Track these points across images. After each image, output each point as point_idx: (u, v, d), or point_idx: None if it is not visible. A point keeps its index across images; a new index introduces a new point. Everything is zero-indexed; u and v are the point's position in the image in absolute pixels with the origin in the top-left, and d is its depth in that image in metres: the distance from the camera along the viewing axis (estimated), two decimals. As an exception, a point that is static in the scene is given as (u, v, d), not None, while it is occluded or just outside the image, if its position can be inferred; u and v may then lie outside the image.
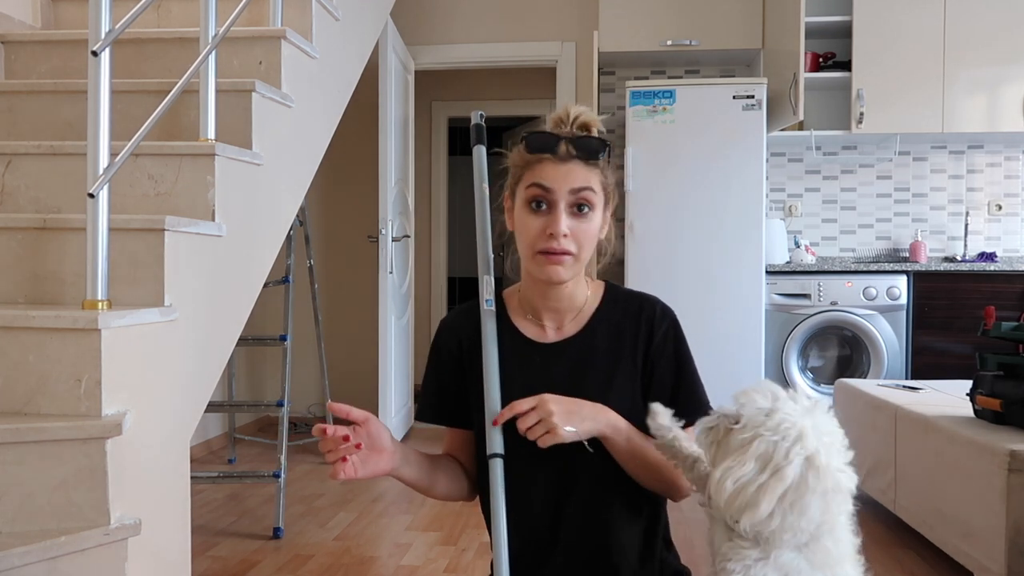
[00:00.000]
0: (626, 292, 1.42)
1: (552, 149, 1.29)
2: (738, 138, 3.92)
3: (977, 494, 2.31)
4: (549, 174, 1.28)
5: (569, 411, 1.22)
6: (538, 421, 1.20)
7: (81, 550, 1.47)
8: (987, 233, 4.54)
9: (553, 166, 1.28)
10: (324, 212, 5.05)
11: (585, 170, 1.29)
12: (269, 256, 2.37)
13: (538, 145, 1.30)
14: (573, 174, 1.28)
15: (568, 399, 1.24)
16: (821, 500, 1.03)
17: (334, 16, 2.86)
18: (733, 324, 3.90)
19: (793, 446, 1.04)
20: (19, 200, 2.04)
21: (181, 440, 1.86)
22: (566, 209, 1.27)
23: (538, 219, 1.28)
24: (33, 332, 1.55)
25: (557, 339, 1.37)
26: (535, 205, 1.28)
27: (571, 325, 1.38)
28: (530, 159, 1.30)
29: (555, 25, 4.77)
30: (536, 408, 1.21)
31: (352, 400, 5.29)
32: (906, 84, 4.13)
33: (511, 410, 1.22)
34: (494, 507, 1.23)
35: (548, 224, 1.26)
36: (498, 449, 1.25)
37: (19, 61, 2.60)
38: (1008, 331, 2.41)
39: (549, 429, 1.20)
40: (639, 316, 1.37)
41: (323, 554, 2.79)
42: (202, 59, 1.99)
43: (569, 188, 1.27)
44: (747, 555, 1.07)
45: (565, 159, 1.28)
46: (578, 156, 1.28)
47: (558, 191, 1.27)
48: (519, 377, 1.33)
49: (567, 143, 1.29)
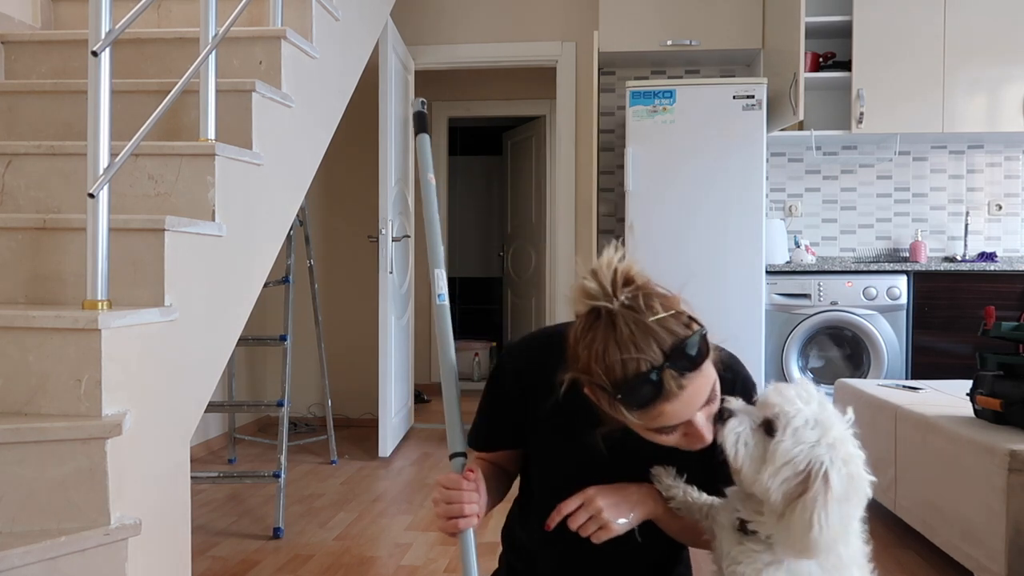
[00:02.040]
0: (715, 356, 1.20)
1: (660, 393, 1.02)
2: (738, 138, 3.92)
3: (977, 494, 2.31)
4: (675, 414, 1.05)
5: (618, 503, 1.17)
6: (589, 518, 1.15)
7: (81, 550, 1.47)
8: (987, 233, 4.54)
9: (672, 405, 1.04)
10: (324, 212, 5.05)
11: (704, 376, 1.05)
12: (269, 256, 2.37)
13: (644, 400, 1.03)
14: (698, 395, 1.05)
15: (614, 488, 1.18)
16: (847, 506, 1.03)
17: (334, 16, 2.86)
18: (733, 324, 3.90)
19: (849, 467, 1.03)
20: (19, 200, 2.04)
21: (181, 440, 1.86)
22: (703, 414, 1.08)
23: (672, 435, 1.10)
24: (33, 332, 1.55)
25: None
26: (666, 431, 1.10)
27: None
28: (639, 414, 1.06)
29: (555, 25, 4.77)
30: (584, 506, 1.16)
31: (352, 400, 5.30)
32: (906, 84, 4.13)
33: (559, 513, 1.16)
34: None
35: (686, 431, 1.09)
36: (459, 448, 1.25)
37: (19, 61, 2.60)
38: (1008, 331, 2.41)
39: (602, 525, 1.15)
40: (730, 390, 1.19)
41: (323, 554, 2.79)
42: (202, 59, 1.99)
43: (699, 407, 1.07)
44: (759, 558, 1.07)
45: (680, 389, 1.03)
46: (691, 369, 1.03)
47: (692, 416, 1.07)
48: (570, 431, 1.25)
49: (671, 375, 1.01)
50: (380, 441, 4.19)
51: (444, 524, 1.23)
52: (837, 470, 1.02)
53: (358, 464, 4.07)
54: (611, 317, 1.05)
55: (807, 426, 1.04)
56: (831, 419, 1.06)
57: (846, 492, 1.02)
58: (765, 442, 1.05)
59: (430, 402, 5.75)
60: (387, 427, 4.20)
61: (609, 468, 1.24)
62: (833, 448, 1.03)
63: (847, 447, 1.05)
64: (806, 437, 1.03)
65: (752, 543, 1.09)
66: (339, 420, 4.77)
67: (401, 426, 4.51)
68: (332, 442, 4.10)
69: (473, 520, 1.22)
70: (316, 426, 4.85)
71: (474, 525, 1.22)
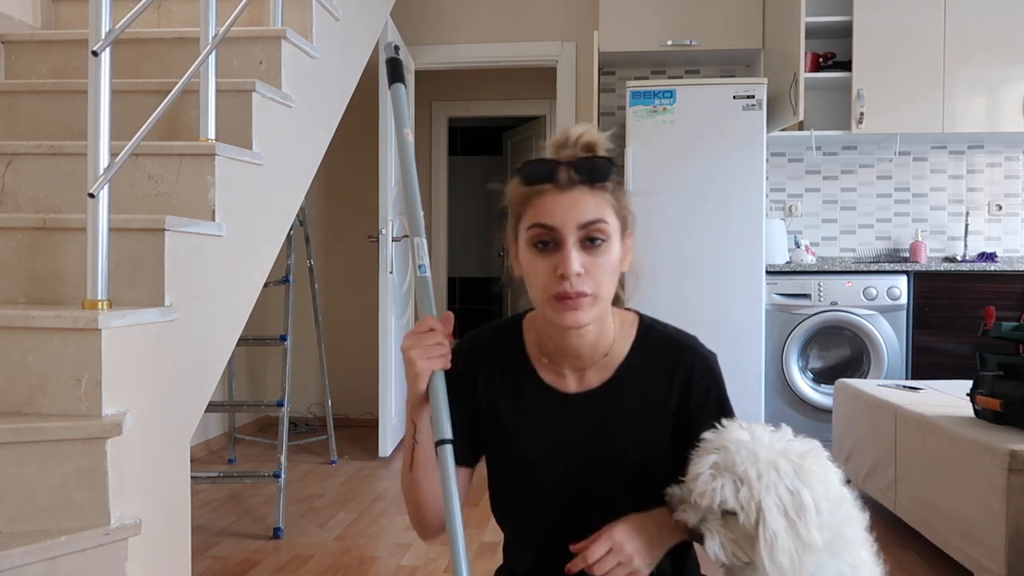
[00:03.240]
0: (661, 336, 1.26)
1: (552, 177, 1.12)
2: (738, 138, 3.92)
3: (977, 494, 2.31)
4: (551, 208, 1.12)
5: (646, 546, 1.14)
6: (618, 563, 1.12)
7: (81, 550, 1.47)
8: (987, 233, 4.54)
9: (555, 198, 1.12)
10: (324, 212, 5.05)
11: (593, 197, 1.12)
12: (269, 256, 2.37)
13: (535, 175, 1.13)
14: (580, 204, 1.11)
15: (637, 528, 1.14)
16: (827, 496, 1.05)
17: (334, 16, 2.86)
18: (733, 324, 3.90)
19: (783, 478, 1.05)
20: (19, 200, 2.04)
21: (181, 440, 1.86)
22: (576, 244, 1.11)
23: (546, 260, 1.12)
24: (33, 332, 1.55)
25: (579, 389, 1.24)
26: (540, 245, 1.13)
27: (595, 374, 1.24)
28: (528, 193, 1.14)
29: (555, 25, 4.77)
30: (612, 551, 1.12)
31: (352, 399, 5.30)
32: (906, 84, 4.13)
33: (584, 560, 1.13)
34: (446, 495, 1.14)
35: (557, 264, 1.11)
36: (447, 435, 1.15)
37: (19, 61, 2.60)
38: (1008, 331, 2.41)
39: (632, 572, 1.12)
40: (674, 370, 1.23)
41: (323, 554, 2.79)
42: (202, 59, 1.99)
43: (577, 222, 1.11)
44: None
45: (567, 187, 1.12)
46: (582, 181, 1.12)
47: (564, 226, 1.11)
48: (536, 425, 1.24)
49: (567, 168, 1.12)
50: (380, 441, 4.20)
51: (422, 365, 1.16)
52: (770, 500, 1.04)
53: (358, 464, 4.07)
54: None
55: (736, 490, 1.05)
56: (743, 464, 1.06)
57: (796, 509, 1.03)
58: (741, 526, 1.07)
59: (430, 402, 5.74)
60: (387, 427, 4.20)
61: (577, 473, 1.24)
62: (762, 481, 1.05)
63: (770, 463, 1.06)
64: (744, 497, 1.05)
65: None
66: (339, 420, 4.77)
67: (401, 426, 4.51)
68: (332, 442, 4.10)
69: (444, 362, 1.18)
70: (316, 426, 4.85)
71: (445, 367, 1.18)
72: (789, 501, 1.04)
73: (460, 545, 1.11)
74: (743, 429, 1.10)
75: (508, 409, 1.26)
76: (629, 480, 1.23)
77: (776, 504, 1.03)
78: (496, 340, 1.29)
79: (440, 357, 1.18)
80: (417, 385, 1.18)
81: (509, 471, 1.29)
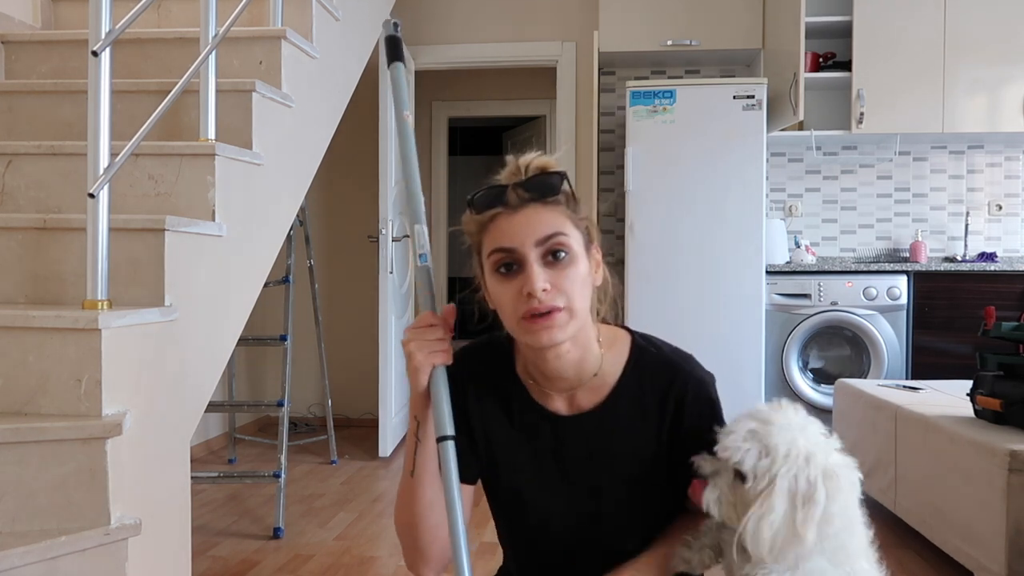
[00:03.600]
0: (655, 357, 1.23)
1: (502, 200, 1.11)
2: (738, 138, 3.92)
3: (977, 494, 2.31)
4: (507, 230, 1.10)
5: None
6: None
7: (81, 550, 1.47)
8: (987, 233, 4.54)
9: (508, 219, 1.10)
10: (324, 212, 5.05)
11: (547, 211, 1.10)
12: (269, 256, 2.37)
13: (485, 202, 1.12)
14: (534, 221, 1.10)
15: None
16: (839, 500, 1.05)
17: (334, 16, 2.86)
18: (733, 324, 3.90)
19: (810, 469, 1.04)
20: (19, 200, 2.04)
21: (181, 440, 1.86)
22: (538, 261, 1.09)
23: (512, 283, 1.10)
24: (33, 332, 1.55)
25: (571, 412, 1.22)
26: (504, 269, 1.11)
27: (586, 396, 1.21)
28: (483, 220, 1.13)
29: (555, 25, 4.77)
30: None
31: (352, 399, 5.29)
32: (906, 84, 4.13)
33: None
34: (447, 492, 1.10)
35: (523, 284, 1.08)
36: (448, 431, 1.12)
37: (19, 61, 2.60)
38: (1008, 331, 2.41)
39: None
40: (667, 392, 1.20)
41: (323, 554, 2.79)
42: (202, 59, 1.99)
43: (535, 239, 1.09)
44: (772, 568, 1.07)
45: (519, 206, 1.10)
46: (532, 199, 1.11)
47: (523, 245, 1.09)
48: (529, 447, 1.23)
49: (515, 189, 1.11)
50: (380, 441, 4.20)
51: (421, 359, 1.14)
52: (785, 480, 1.04)
53: (358, 464, 4.07)
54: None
55: (758, 458, 1.06)
56: (777, 439, 1.06)
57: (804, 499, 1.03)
58: (746, 493, 1.07)
59: (430, 402, 5.74)
60: (387, 427, 4.20)
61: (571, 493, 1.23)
62: (788, 460, 1.05)
63: (818, 455, 1.06)
64: (763, 469, 1.05)
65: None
66: (339, 420, 4.77)
67: (401, 426, 4.51)
68: (332, 442, 4.10)
69: (444, 356, 1.16)
70: (316, 426, 4.85)
71: (447, 362, 1.16)
72: (803, 489, 1.03)
73: (462, 543, 1.07)
74: (796, 414, 1.10)
75: (500, 429, 1.24)
76: (624, 503, 1.23)
77: (789, 485, 1.03)
78: (486, 357, 1.26)
79: (441, 352, 1.16)
80: (418, 380, 1.15)
81: (502, 494, 1.27)
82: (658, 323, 1.17)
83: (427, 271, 1.21)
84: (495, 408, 1.24)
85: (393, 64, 1.29)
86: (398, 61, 1.29)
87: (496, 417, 1.24)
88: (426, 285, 1.21)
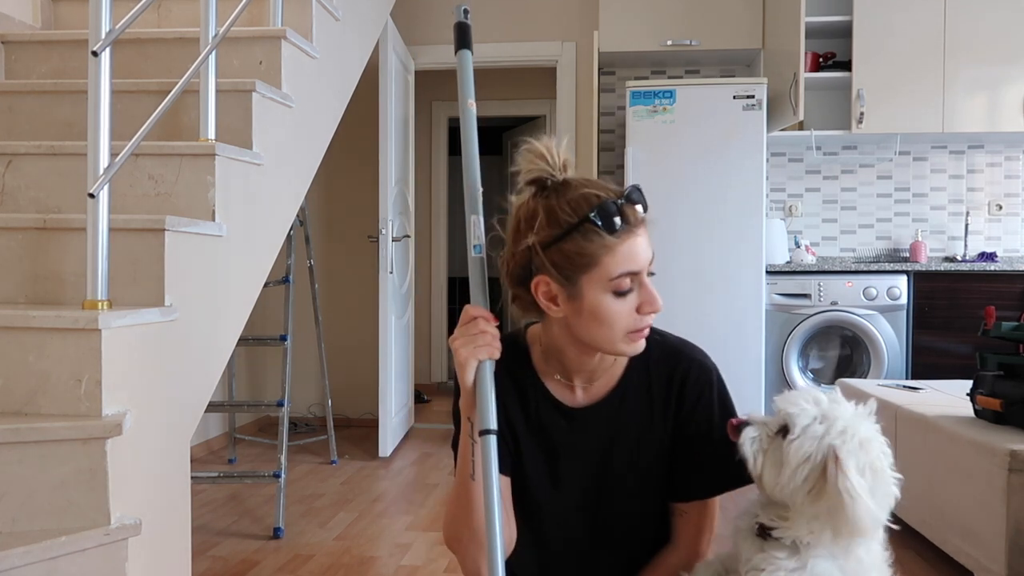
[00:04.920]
0: (659, 344, 1.25)
1: (627, 220, 1.10)
2: (738, 138, 3.92)
3: (977, 494, 2.31)
4: (635, 253, 1.10)
5: None
6: None
7: (81, 550, 1.47)
8: (987, 233, 4.54)
9: (634, 241, 1.10)
10: (324, 212, 5.05)
11: (645, 230, 1.13)
12: (269, 256, 2.37)
13: (616, 222, 1.09)
14: (646, 242, 1.12)
15: None
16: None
17: (334, 16, 2.86)
18: (733, 324, 3.90)
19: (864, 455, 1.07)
20: (19, 200, 2.04)
21: (181, 440, 1.86)
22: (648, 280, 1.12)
23: (625, 303, 1.12)
24: (33, 332, 1.55)
25: (586, 402, 1.24)
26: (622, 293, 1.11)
27: (600, 385, 1.24)
28: (609, 244, 1.09)
29: (555, 25, 4.77)
30: None
31: (352, 400, 5.29)
32: (906, 84, 4.13)
33: None
34: (486, 487, 1.08)
35: (642, 302, 1.12)
36: (490, 425, 1.10)
37: (19, 61, 2.60)
38: (1008, 331, 2.41)
39: None
40: (671, 380, 1.23)
41: (323, 554, 2.79)
42: (202, 59, 1.99)
43: (649, 259, 1.12)
44: (782, 564, 1.07)
45: (637, 225, 1.11)
46: (643, 216, 1.12)
47: (644, 267, 1.11)
48: (546, 442, 1.25)
49: (632, 208, 1.11)
50: (380, 441, 4.20)
51: (467, 354, 1.12)
52: (847, 450, 1.04)
53: (358, 464, 4.07)
54: (563, 182, 1.13)
55: (815, 422, 1.07)
56: (839, 412, 1.08)
57: (863, 467, 1.05)
58: (782, 446, 1.07)
59: (430, 402, 5.74)
60: (387, 427, 4.20)
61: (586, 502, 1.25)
62: (844, 434, 1.06)
63: (860, 433, 1.07)
64: (815, 432, 1.06)
65: (774, 549, 1.08)
66: (339, 420, 4.77)
67: (401, 426, 4.51)
68: (332, 442, 4.10)
69: (490, 351, 1.13)
70: (316, 426, 4.85)
71: (493, 356, 1.13)
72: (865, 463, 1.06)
73: (497, 540, 1.05)
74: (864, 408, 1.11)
75: (517, 419, 1.26)
76: (636, 489, 1.24)
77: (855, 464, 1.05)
78: (508, 353, 1.23)
79: (485, 346, 1.13)
80: (464, 376, 1.13)
81: (517, 484, 1.28)
82: (658, 323, 1.17)
83: (480, 262, 1.19)
84: (513, 402, 1.26)
85: (460, 51, 1.25)
86: (465, 48, 1.26)
87: (513, 405, 1.26)
88: (478, 276, 1.19)
